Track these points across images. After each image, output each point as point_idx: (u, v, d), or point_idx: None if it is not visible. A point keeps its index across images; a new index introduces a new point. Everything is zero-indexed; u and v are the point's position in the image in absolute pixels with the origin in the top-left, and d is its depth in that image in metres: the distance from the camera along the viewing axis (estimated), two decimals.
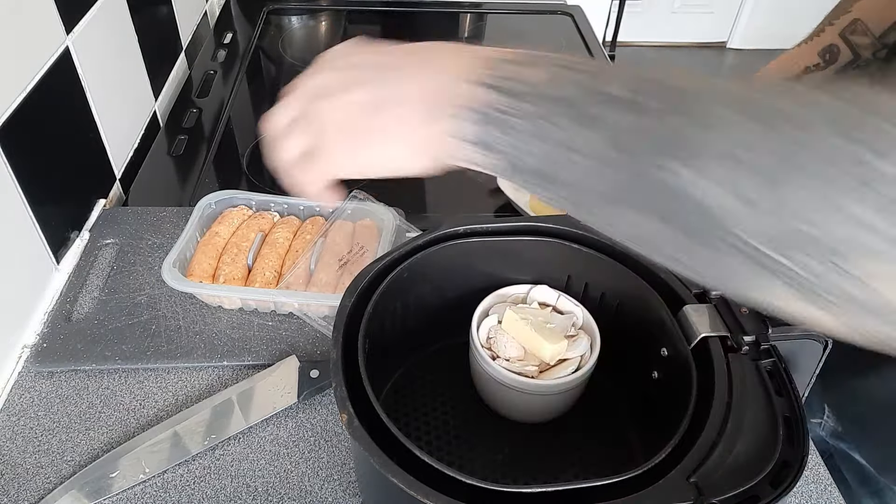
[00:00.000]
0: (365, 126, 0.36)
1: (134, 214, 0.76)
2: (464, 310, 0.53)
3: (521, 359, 0.51)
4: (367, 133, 0.36)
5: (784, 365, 0.43)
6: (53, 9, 0.68)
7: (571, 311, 0.54)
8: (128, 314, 0.64)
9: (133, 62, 0.90)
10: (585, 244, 0.52)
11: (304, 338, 0.63)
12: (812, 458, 0.55)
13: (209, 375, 0.60)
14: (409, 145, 0.35)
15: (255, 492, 0.52)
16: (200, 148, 0.92)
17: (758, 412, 0.41)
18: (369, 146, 0.36)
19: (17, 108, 0.61)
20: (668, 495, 0.37)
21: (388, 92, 0.35)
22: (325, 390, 0.58)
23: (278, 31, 1.24)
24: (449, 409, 0.55)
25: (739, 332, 0.45)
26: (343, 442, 0.55)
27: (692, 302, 0.48)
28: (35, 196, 0.64)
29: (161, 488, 0.52)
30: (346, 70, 0.38)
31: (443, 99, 0.33)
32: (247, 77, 1.08)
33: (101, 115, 0.78)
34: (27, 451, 0.54)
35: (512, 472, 0.51)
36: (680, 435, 0.40)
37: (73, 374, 0.60)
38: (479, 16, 1.32)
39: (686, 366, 0.45)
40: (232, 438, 0.55)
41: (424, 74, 0.35)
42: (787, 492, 0.36)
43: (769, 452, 0.38)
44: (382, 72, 0.36)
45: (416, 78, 0.35)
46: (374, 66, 0.37)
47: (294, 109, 0.38)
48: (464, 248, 0.53)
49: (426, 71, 0.35)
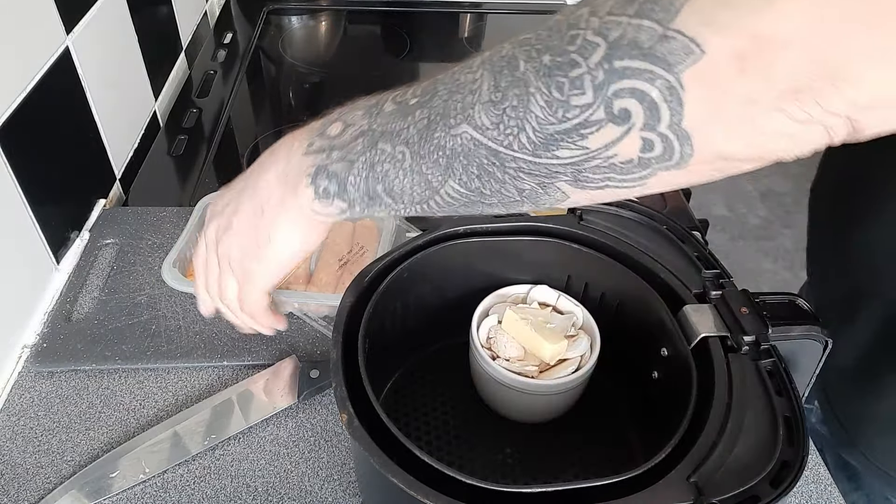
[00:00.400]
0: (253, 236, 0.43)
1: (134, 214, 0.76)
2: (464, 310, 0.53)
3: (521, 359, 0.51)
4: (259, 240, 0.43)
5: (784, 365, 0.43)
6: (53, 9, 0.68)
7: (571, 311, 0.54)
8: (128, 314, 0.64)
9: (133, 62, 0.90)
10: (585, 244, 0.52)
11: (304, 338, 0.63)
12: (812, 458, 0.55)
13: (209, 375, 0.60)
14: (294, 226, 0.41)
15: (255, 492, 0.52)
16: (200, 148, 0.92)
17: (758, 412, 0.41)
18: (268, 247, 0.43)
19: (17, 108, 0.61)
20: (668, 495, 0.37)
21: (253, 201, 0.42)
22: (325, 390, 0.58)
23: (278, 31, 1.24)
24: (449, 409, 0.55)
25: (739, 332, 0.45)
26: (343, 442, 0.55)
27: (692, 302, 0.48)
28: (35, 196, 0.64)
29: (161, 488, 0.52)
30: (222, 211, 0.45)
31: (291, 177, 0.40)
32: (247, 77, 1.08)
33: (101, 115, 0.78)
34: (27, 451, 0.54)
35: (512, 472, 0.51)
36: (680, 435, 0.40)
37: (73, 374, 0.60)
38: (479, 16, 1.32)
39: (686, 366, 0.45)
40: (232, 438, 0.55)
41: (269, 172, 0.41)
42: (787, 492, 0.36)
43: (769, 452, 0.38)
44: (240, 192, 0.44)
45: (264, 178, 0.42)
46: (236, 193, 0.44)
47: (207, 264, 0.48)
48: (464, 248, 0.53)
49: (269, 169, 0.42)
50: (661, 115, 0.27)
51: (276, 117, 1.04)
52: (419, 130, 0.34)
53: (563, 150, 0.30)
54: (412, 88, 0.36)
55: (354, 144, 0.37)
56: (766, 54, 0.24)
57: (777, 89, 0.25)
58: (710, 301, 0.47)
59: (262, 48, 1.17)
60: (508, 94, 0.30)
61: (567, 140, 0.29)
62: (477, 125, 0.32)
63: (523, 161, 0.31)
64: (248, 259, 0.44)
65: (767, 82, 0.25)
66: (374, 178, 0.36)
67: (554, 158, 0.30)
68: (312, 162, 0.38)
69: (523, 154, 0.31)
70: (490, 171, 0.33)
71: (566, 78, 0.28)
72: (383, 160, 0.35)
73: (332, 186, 0.38)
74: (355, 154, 0.36)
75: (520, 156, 0.31)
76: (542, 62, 0.29)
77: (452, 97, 0.33)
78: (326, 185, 0.38)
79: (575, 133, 0.29)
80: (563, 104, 0.29)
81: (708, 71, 0.26)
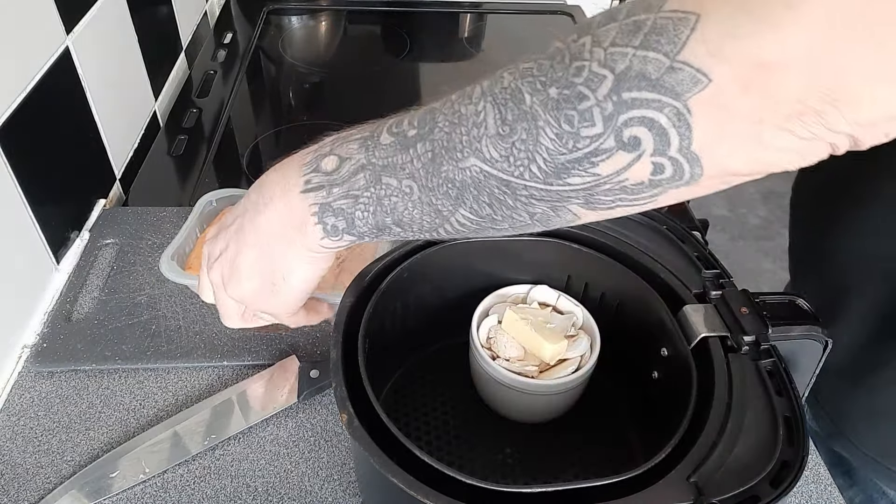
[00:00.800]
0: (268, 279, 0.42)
1: (134, 214, 0.76)
2: (464, 310, 0.53)
3: (521, 359, 0.51)
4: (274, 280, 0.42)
5: (784, 365, 0.43)
6: (53, 9, 0.68)
7: (571, 311, 0.54)
8: (128, 314, 0.64)
9: (133, 62, 0.90)
10: (585, 244, 0.53)
11: (304, 338, 0.63)
12: (812, 458, 0.55)
13: (209, 375, 0.60)
14: (306, 263, 0.41)
15: (255, 492, 0.52)
16: (200, 148, 0.92)
17: (758, 412, 0.41)
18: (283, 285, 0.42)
19: (17, 108, 0.61)
20: (668, 495, 0.37)
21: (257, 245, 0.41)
22: (325, 390, 0.58)
23: (278, 31, 1.24)
24: (449, 409, 0.55)
25: (739, 332, 0.45)
26: (343, 442, 0.55)
27: (692, 302, 0.48)
28: (35, 196, 0.64)
29: (161, 488, 0.52)
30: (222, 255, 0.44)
31: (295, 217, 0.39)
32: (247, 77, 1.08)
33: (101, 115, 0.78)
34: (27, 451, 0.54)
35: (512, 472, 0.51)
36: (680, 435, 0.40)
37: (73, 374, 0.60)
38: (478, 16, 1.32)
39: (686, 366, 0.45)
40: (232, 438, 0.55)
41: (268, 212, 0.40)
42: (787, 492, 0.36)
43: (769, 452, 0.38)
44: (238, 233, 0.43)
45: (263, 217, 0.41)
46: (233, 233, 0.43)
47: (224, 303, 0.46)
48: (464, 248, 0.53)
49: (267, 209, 0.40)
50: (670, 140, 0.28)
51: (276, 117, 1.04)
52: (424, 164, 0.34)
53: (574, 177, 0.30)
54: (406, 118, 0.35)
55: (356, 180, 0.36)
56: (772, 79, 0.25)
57: (783, 111, 0.26)
58: (710, 301, 0.48)
59: (262, 48, 1.17)
60: (517, 128, 0.30)
61: (578, 168, 0.30)
62: (485, 158, 0.32)
63: (535, 189, 0.32)
64: (262, 299, 0.44)
65: (773, 105, 0.26)
66: (382, 212, 0.36)
67: (566, 185, 0.31)
68: (314, 200, 0.38)
69: (535, 182, 0.31)
70: (501, 199, 0.33)
71: (575, 111, 0.29)
72: (390, 194, 0.35)
73: (341, 223, 0.38)
74: (358, 189, 0.36)
75: (531, 184, 0.31)
76: (549, 95, 0.29)
77: (455, 130, 0.33)
78: (334, 222, 0.38)
79: (586, 161, 0.29)
80: (573, 135, 0.29)
81: (715, 96, 0.26)
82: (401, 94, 1.08)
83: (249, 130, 0.98)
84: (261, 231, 0.41)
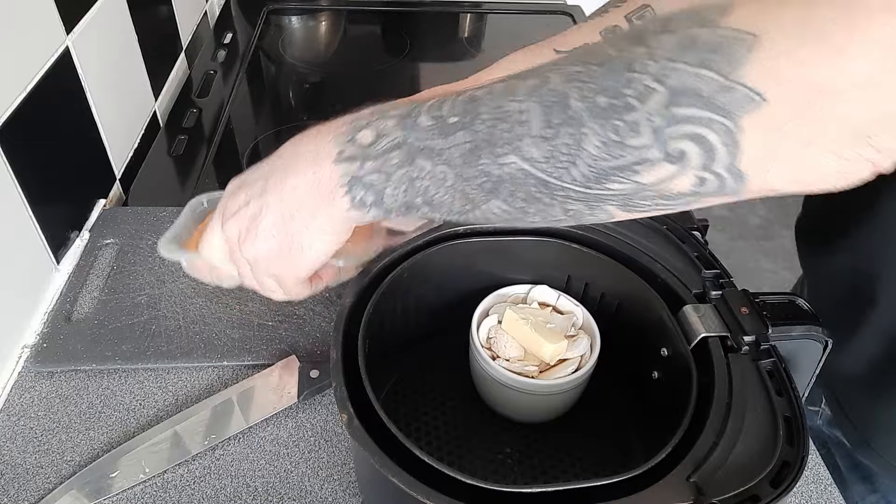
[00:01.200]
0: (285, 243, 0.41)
1: (134, 214, 0.76)
2: (464, 310, 0.53)
3: (521, 359, 0.51)
4: (291, 246, 0.41)
5: (784, 365, 0.43)
6: (53, 9, 0.68)
7: (571, 311, 0.54)
8: (128, 314, 0.64)
9: (133, 62, 0.90)
10: (585, 244, 0.53)
11: (304, 338, 0.63)
12: (812, 458, 0.55)
13: (209, 375, 0.60)
14: (327, 234, 0.40)
15: (255, 492, 0.52)
16: (200, 148, 0.91)
17: (758, 412, 0.41)
18: (301, 253, 0.41)
19: (17, 108, 0.61)
20: (668, 495, 0.37)
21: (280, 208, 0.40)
22: (325, 390, 0.58)
23: (278, 31, 1.24)
24: (449, 409, 0.55)
25: (739, 332, 0.45)
26: (343, 442, 0.55)
27: (692, 302, 0.48)
28: (35, 196, 0.64)
29: (161, 488, 0.52)
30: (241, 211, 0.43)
31: (324, 186, 0.38)
32: (247, 77, 1.08)
33: (101, 115, 0.78)
34: (27, 451, 0.54)
35: (512, 472, 0.51)
36: (680, 435, 0.40)
37: (73, 374, 0.60)
38: (479, 16, 1.32)
39: (686, 366, 0.45)
40: (232, 438, 0.55)
41: (297, 177, 0.40)
42: (787, 492, 0.36)
43: (769, 452, 0.38)
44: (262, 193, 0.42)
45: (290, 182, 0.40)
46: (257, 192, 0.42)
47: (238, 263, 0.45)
48: (464, 248, 0.53)
49: (296, 173, 0.40)
50: (717, 156, 0.28)
51: (276, 117, 1.04)
52: (462, 154, 0.34)
53: (615, 183, 0.30)
54: (447, 103, 0.35)
55: (390, 157, 0.36)
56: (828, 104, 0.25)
57: (834, 135, 0.26)
58: (710, 301, 0.48)
59: (262, 48, 1.17)
60: (561, 132, 0.30)
61: (620, 175, 0.30)
62: (526, 157, 0.32)
63: (573, 190, 0.32)
64: (274, 262, 0.43)
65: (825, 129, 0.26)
66: (413, 192, 0.36)
67: (605, 190, 0.31)
68: (345, 170, 0.37)
69: (574, 185, 0.31)
70: (538, 197, 0.33)
71: (622, 121, 0.29)
72: (423, 177, 0.35)
73: (369, 197, 0.37)
74: (392, 167, 0.36)
75: (570, 186, 0.31)
76: (597, 102, 0.29)
77: (498, 125, 0.33)
78: (363, 195, 0.37)
79: (629, 169, 0.30)
80: (618, 144, 0.29)
81: (767, 117, 0.26)
82: (401, 94, 1.07)
83: (249, 130, 0.98)
84: (286, 194, 0.40)
